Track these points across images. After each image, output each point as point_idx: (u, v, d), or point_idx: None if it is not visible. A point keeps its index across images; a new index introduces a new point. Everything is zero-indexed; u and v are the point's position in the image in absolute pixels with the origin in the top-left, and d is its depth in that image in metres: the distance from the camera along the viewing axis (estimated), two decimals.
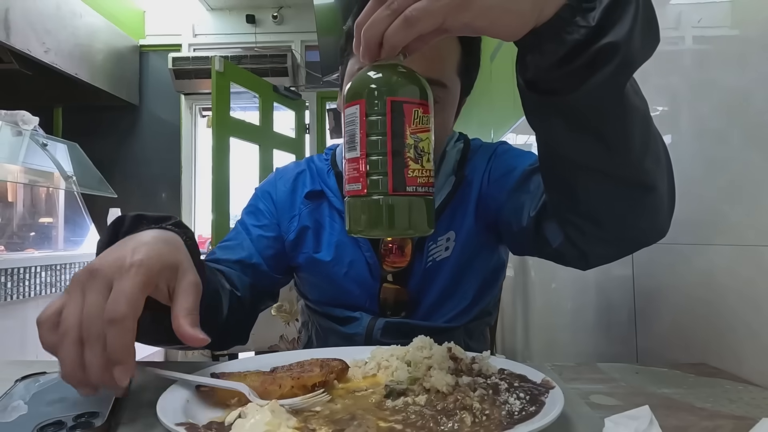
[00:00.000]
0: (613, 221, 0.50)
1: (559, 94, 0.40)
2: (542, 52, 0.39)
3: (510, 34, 0.39)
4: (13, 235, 2.32)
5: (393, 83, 0.40)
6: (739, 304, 0.55)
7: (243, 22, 3.73)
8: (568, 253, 0.56)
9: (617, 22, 0.37)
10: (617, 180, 0.45)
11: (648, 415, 0.36)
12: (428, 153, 0.40)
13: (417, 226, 0.41)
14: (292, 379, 0.44)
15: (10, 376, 0.49)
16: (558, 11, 0.37)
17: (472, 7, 0.36)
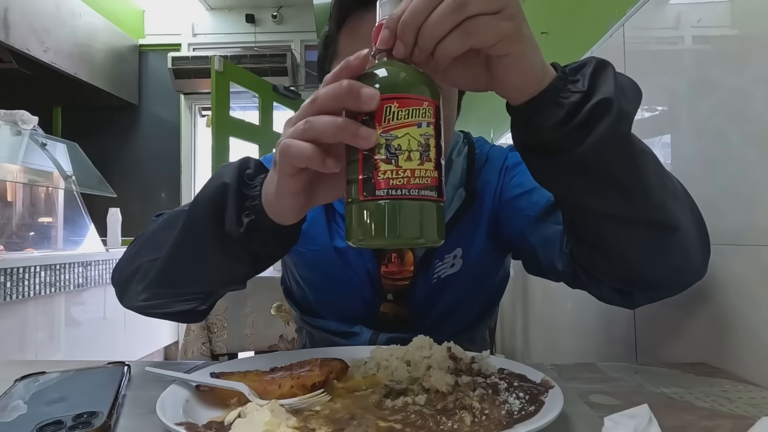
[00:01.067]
0: (646, 266, 0.49)
1: (564, 152, 0.42)
2: (543, 115, 0.42)
3: (518, 90, 0.42)
4: (13, 235, 2.32)
5: (366, 83, 0.37)
6: (739, 304, 0.55)
7: (242, 22, 3.73)
8: (609, 298, 0.56)
9: (603, 84, 0.42)
10: (642, 224, 0.46)
11: (647, 413, 0.36)
12: (409, 150, 0.36)
13: (401, 233, 0.36)
14: (291, 379, 0.44)
15: (9, 376, 0.49)
16: (553, 81, 0.42)
17: (520, 43, 0.39)
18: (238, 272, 0.52)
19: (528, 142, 0.45)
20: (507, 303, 1.62)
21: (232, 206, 0.47)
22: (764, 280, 0.52)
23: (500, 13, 0.37)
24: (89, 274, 2.26)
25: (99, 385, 0.47)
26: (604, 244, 0.48)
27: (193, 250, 0.51)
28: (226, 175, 0.49)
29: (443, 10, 0.37)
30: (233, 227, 0.47)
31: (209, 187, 0.50)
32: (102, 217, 2.78)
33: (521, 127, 0.45)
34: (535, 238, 0.62)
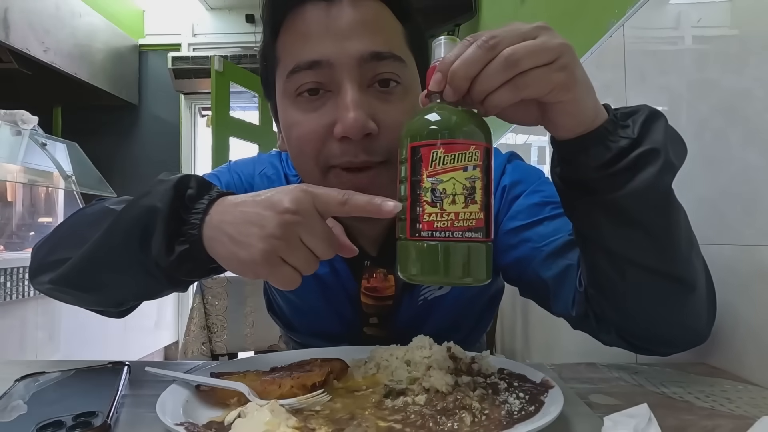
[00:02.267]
0: (657, 321, 0.49)
1: (603, 193, 0.43)
2: (589, 154, 0.42)
3: (569, 129, 0.42)
4: (13, 235, 2.32)
5: (415, 127, 0.40)
6: (739, 304, 0.55)
7: (242, 22, 3.73)
8: (616, 344, 0.54)
9: (653, 133, 0.42)
10: (664, 277, 0.45)
11: (647, 413, 0.36)
12: (454, 194, 0.38)
13: (445, 273, 0.39)
14: (291, 379, 0.44)
15: (9, 376, 0.49)
16: (603, 124, 0.42)
17: (573, 91, 0.39)
18: (151, 290, 0.49)
19: (568, 176, 0.45)
20: (507, 303, 1.62)
21: (161, 232, 0.43)
22: (764, 280, 0.52)
23: (553, 64, 0.37)
24: None
25: (99, 385, 0.47)
26: (618, 291, 0.47)
27: (108, 264, 0.47)
28: (157, 197, 0.43)
29: (495, 67, 0.37)
30: (161, 254, 0.43)
31: (136, 206, 0.45)
32: None
33: (564, 161, 0.45)
34: (548, 274, 0.57)
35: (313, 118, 0.52)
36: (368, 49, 0.51)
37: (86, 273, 0.49)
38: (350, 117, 0.49)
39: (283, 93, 0.55)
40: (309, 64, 0.51)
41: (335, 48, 0.50)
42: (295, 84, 0.52)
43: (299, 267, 0.41)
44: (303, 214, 0.40)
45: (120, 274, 0.48)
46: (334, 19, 0.51)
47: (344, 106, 0.50)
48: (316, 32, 0.51)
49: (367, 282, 0.66)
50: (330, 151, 0.52)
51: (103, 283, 0.50)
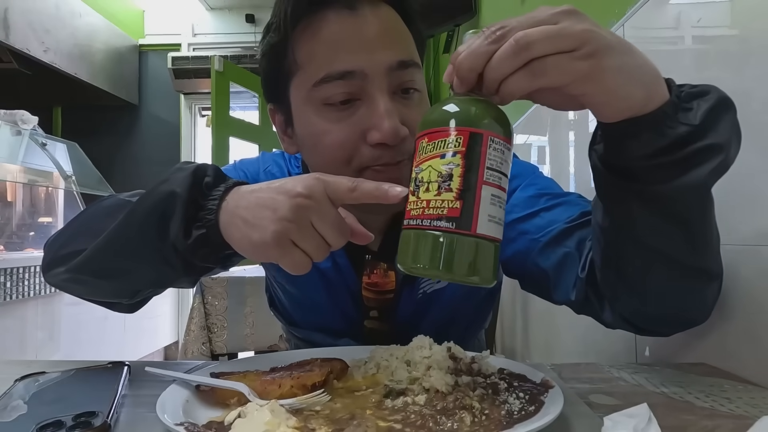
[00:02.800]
0: (673, 308, 0.48)
1: (646, 183, 0.39)
2: (639, 140, 0.38)
3: (610, 117, 0.38)
4: (13, 235, 2.32)
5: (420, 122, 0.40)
6: (739, 304, 0.55)
7: (242, 22, 3.73)
8: (618, 326, 0.53)
9: (719, 126, 0.38)
10: (692, 270, 0.44)
11: (646, 412, 0.36)
12: (428, 182, 0.37)
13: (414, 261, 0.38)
14: (291, 379, 0.44)
15: (9, 376, 0.49)
16: (662, 105, 0.37)
17: (600, 81, 0.35)
18: (165, 278, 0.50)
19: (608, 158, 0.42)
20: (507, 303, 1.62)
21: (180, 216, 0.44)
22: (764, 280, 0.52)
23: (575, 52, 0.34)
24: None
25: (99, 385, 0.47)
26: (640, 278, 0.46)
27: (125, 250, 0.48)
28: (176, 183, 0.45)
29: (505, 52, 0.35)
30: (178, 237, 0.44)
31: (156, 192, 0.46)
32: None
33: (607, 142, 0.41)
34: (547, 263, 0.58)
35: (345, 126, 0.53)
36: (396, 58, 0.53)
37: (103, 259, 0.49)
38: (387, 125, 0.51)
39: (306, 100, 0.55)
40: (341, 74, 0.52)
41: (367, 59, 0.52)
42: (323, 93, 0.53)
43: (310, 251, 0.42)
44: (315, 199, 0.41)
45: (136, 260, 0.48)
46: (362, 29, 0.52)
47: (379, 115, 0.52)
48: (346, 42, 0.52)
49: (368, 278, 0.66)
50: (363, 155, 0.54)
51: (119, 270, 0.50)
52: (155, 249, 0.46)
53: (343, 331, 0.69)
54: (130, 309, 0.59)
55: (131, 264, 0.49)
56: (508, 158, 0.38)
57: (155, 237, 0.45)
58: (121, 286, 0.54)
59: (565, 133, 1.16)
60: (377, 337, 0.68)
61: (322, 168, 0.57)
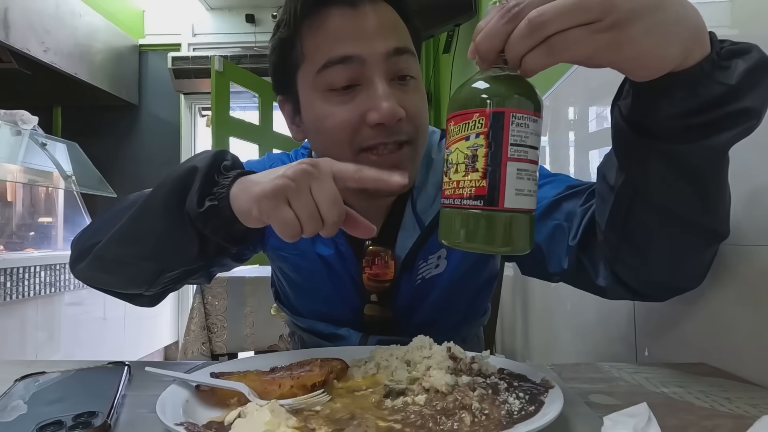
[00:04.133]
0: (677, 270, 0.48)
1: (670, 142, 0.39)
2: (671, 97, 0.37)
3: (643, 78, 0.37)
4: (13, 235, 2.32)
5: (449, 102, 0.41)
6: (739, 304, 0.55)
7: (242, 22, 3.73)
8: (611, 290, 0.54)
9: (756, 87, 0.36)
10: (698, 228, 0.44)
11: (646, 412, 0.36)
12: (456, 164, 0.39)
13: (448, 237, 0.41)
14: (291, 379, 0.44)
15: (9, 376, 0.49)
16: (701, 61, 0.36)
17: (625, 49, 0.34)
18: (184, 253, 0.53)
19: (633, 116, 0.41)
20: (507, 303, 1.62)
21: (197, 186, 0.49)
22: (764, 280, 0.52)
23: (595, 24, 0.33)
24: None
25: (99, 385, 0.47)
26: (647, 239, 0.46)
27: (147, 221, 0.52)
28: (198, 160, 0.51)
29: (519, 32, 0.34)
30: (193, 205, 0.49)
31: (177, 169, 0.52)
32: None
33: (636, 99, 0.40)
34: (539, 237, 0.59)
35: (347, 109, 0.57)
36: (392, 45, 0.57)
37: (128, 232, 0.53)
38: (385, 106, 0.55)
39: (311, 87, 0.59)
40: (341, 59, 0.56)
41: (366, 46, 0.56)
42: (326, 79, 0.57)
43: (301, 215, 0.43)
44: (319, 168, 0.44)
45: (155, 230, 0.52)
46: (361, 21, 0.57)
47: (378, 97, 0.55)
48: (347, 33, 0.56)
49: (369, 269, 0.68)
50: (363, 136, 0.57)
51: (139, 244, 0.54)
52: (173, 217, 0.50)
53: (344, 317, 0.71)
54: (151, 302, 0.62)
55: (153, 233, 0.52)
56: (535, 130, 0.38)
57: (175, 206, 0.50)
58: (140, 269, 0.56)
59: (565, 133, 1.16)
60: (378, 325, 0.70)
61: (326, 150, 0.61)
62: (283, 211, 0.43)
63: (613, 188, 0.46)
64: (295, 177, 0.43)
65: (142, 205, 0.53)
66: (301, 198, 0.43)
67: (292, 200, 0.43)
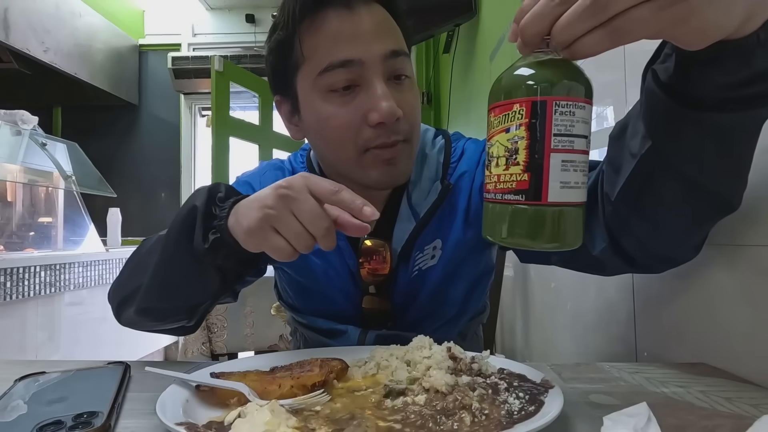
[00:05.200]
0: (679, 241, 0.49)
1: (711, 110, 0.37)
2: (722, 68, 0.35)
3: (697, 46, 0.34)
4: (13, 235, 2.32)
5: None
6: (739, 304, 0.55)
7: (242, 22, 3.73)
8: (609, 263, 0.54)
9: None
10: (718, 198, 0.44)
11: (646, 411, 0.36)
12: (497, 157, 0.37)
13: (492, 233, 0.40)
14: (291, 379, 0.44)
15: (9, 376, 0.49)
16: (758, 30, 0.34)
17: (690, 23, 0.32)
18: (209, 287, 0.56)
19: (672, 81, 0.39)
20: (507, 303, 1.62)
21: (200, 225, 0.52)
22: (764, 280, 0.52)
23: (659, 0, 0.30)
24: (89, 274, 2.26)
25: (99, 385, 0.47)
26: (660, 207, 0.46)
27: (169, 269, 0.55)
28: (197, 199, 0.53)
29: (577, 13, 0.32)
30: (199, 243, 0.51)
31: (181, 212, 0.54)
32: (102, 217, 2.78)
33: (680, 66, 0.37)
34: None
35: (348, 110, 0.59)
36: (389, 48, 0.59)
37: (158, 284, 0.56)
38: (384, 106, 0.57)
39: (312, 88, 0.61)
40: (342, 63, 0.58)
41: (364, 49, 0.58)
42: (327, 81, 0.59)
43: (288, 237, 0.46)
44: (294, 189, 0.45)
45: (180, 276, 0.55)
46: (358, 24, 0.58)
47: (377, 98, 0.58)
48: (345, 36, 0.58)
49: (368, 264, 0.70)
50: (365, 135, 0.59)
51: (171, 291, 0.56)
52: (189, 259, 0.53)
53: (344, 311, 0.72)
54: (193, 329, 0.65)
55: (178, 280, 0.55)
56: (583, 117, 0.36)
57: (185, 247, 0.53)
58: (180, 311, 0.59)
59: None
60: (376, 317, 0.72)
61: (330, 148, 0.64)
62: (272, 240, 0.46)
63: (635, 155, 0.44)
64: (274, 205, 0.45)
65: (162, 255, 0.55)
66: (284, 222, 0.45)
67: (277, 226, 0.46)
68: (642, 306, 0.76)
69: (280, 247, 0.46)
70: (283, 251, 0.46)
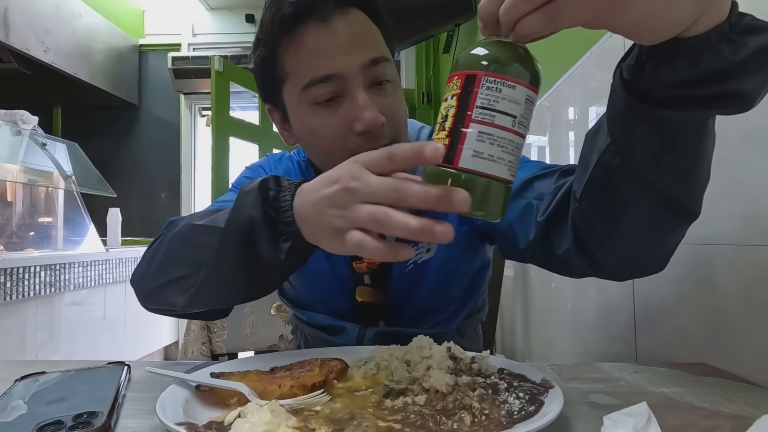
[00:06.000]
0: (637, 246, 0.49)
1: (657, 106, 0.38)
2: (671, 65, 0.36)
3: (651, 40, 0.35)
4: (13, 235, 2.32)
5: None
6: (739, 304, 0.55)
7: (242, 22, 3.73)
8: (574, 263, 0.54)
9: (759, 70, 0.35)
10: (672, 203, 0.44)
11: (646, 411, 0.36)
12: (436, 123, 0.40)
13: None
14: (291, 379, 0.44)
15: (9, 376, 0.49)
16: (708, 31, 0.34)
17: (628, 11, 0.32)
18: (269, 287, 0.54)
19: (631, 77, 0.40)
20: (507, 303, 1.62)
21: (264, 236, 0.46)
22: (764, 280, 0.52)
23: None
24: (89, 274, 2.26)
25: (99, 385, 0.47)
26: (621, 211, 0.46)
27: (227, 277, 0.51)
28: (250, 207, 0.47)
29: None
30: (272, 255, 0.47)
31: (235, 221, 0.49)
32: (102, 217, 2.78)
33: (637, 60, 0.39)
34: (511, 216, 0.62)
35: (333, 121, 0.61)
36: (367, 57, 0.60)
37: (213, 291, 0.52)
38: (367, 115, 0.58)
39: (298, 102, 0.63)
40: (323, 78, 0.59)
41: (343, 62, 0.59)
42: (311, 95, 0.61)
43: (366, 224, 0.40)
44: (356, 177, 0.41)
45: (240, 283, 0.51)
46: (336, 37, 0.59)
47: (359, 108, 0.59)
48: (324, 50, 0.59)
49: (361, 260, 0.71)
50: (352, 142, 0.60)
51: (228, 294, 0.53)
52: (254, 267, 0.48)
53: (341, 302, 0.73)
54: (226, 313, 0.65)
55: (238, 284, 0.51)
56: (512, 96, 0.37)
57: (249, 259, 0.48)
58: (231, 303, 0.60)
59: (565, 133, 1.16)
60: (372, 311, 0.72)
61: (321, 156, 0.66)
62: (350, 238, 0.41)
63: (597, 151, 0.46)
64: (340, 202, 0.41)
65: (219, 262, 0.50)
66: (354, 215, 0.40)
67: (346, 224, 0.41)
68: (642, 306, 0.76)
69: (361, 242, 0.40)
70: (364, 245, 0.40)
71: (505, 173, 0.39)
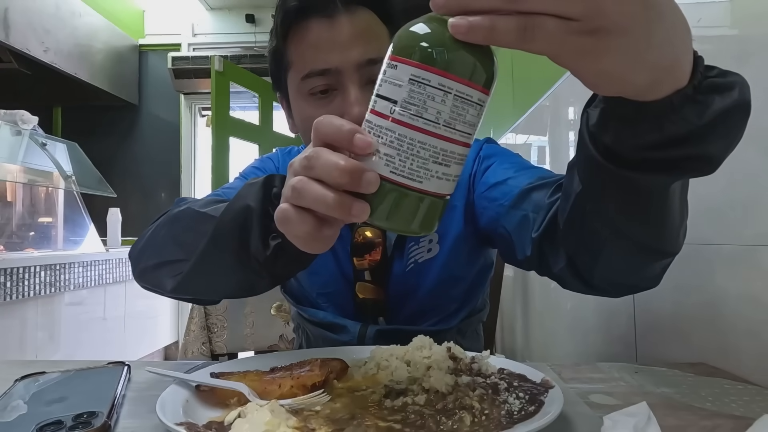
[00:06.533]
0: (624, 274, 0.49)
1: (620, 165, 0.37)
2: (635, 129, 0.34)
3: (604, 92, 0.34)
4: (13, 235, 2.32)
5: None
6: (739, 304, 0.55)
7: (242, 22, 3.72)
8: (569, 282, 0.55)
9: (726, 133, 0.34)
10: (644, 247, 0.45)
11: (646, 411, 0.36)
12: None
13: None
14: (291, 379, 0.44)
15: (9, 376, 0.49)
16: (671, 95, 0.32)
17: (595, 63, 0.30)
18: (257, 288, 0.53)
19: (594, 130, 0.38)
20: (507, 303, 1.62)
21: (257, 228, 0.45)
22: (764, 280, 0.52)
23: (576, 23, 0.28)
24: (89, 274, 2.26)
25: (99, 385, 0.47)
26: (598, 246, 0.47)
27: (216, 267, 0.51)
28: (250, 197, 0.47)
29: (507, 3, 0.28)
30: (258, 250, 0.45)
31: (233, 209, 0.48)
32: (102, 217, 2.78)
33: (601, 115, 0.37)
34: (510, 224, 0.63)
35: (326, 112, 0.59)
36: (365, 57, 0.61)
37: (199, 275, 0.54)
38: (356, 111, 0.60)
39: (297, 91, 0.66)
40: (320, 72, 0.62)
41: (340, 57, 0.61)
42: (308, 86, 0.64)
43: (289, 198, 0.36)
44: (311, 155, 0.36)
45: (227, 276, 0.52)
46: (337, 32, 0.62)
47: (350, 103, 0.61)
48: (324, 44, 0.62)
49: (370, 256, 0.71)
50: None
51: (213, 285, 0.56)
52: (242, 263, 0.48)
53: (341, 296, 0.74)
54: (215, 302, 0.67)
55: (224, 278, 0.53)
56: (396, 77, 0.32)
57: (239, 251, 0.47)
58: (216, 296, 0.62)
59: (565, 133, 1.16)
60: (372, 309, 0.73)
61: None
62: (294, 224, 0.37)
63: (572, 193, 0.46)
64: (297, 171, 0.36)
65: (207, 249, 0.50)
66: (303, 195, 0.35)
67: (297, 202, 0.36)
68: (642, 306, 0.76)
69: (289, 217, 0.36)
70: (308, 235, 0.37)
71: (386, 172, 0.32)
